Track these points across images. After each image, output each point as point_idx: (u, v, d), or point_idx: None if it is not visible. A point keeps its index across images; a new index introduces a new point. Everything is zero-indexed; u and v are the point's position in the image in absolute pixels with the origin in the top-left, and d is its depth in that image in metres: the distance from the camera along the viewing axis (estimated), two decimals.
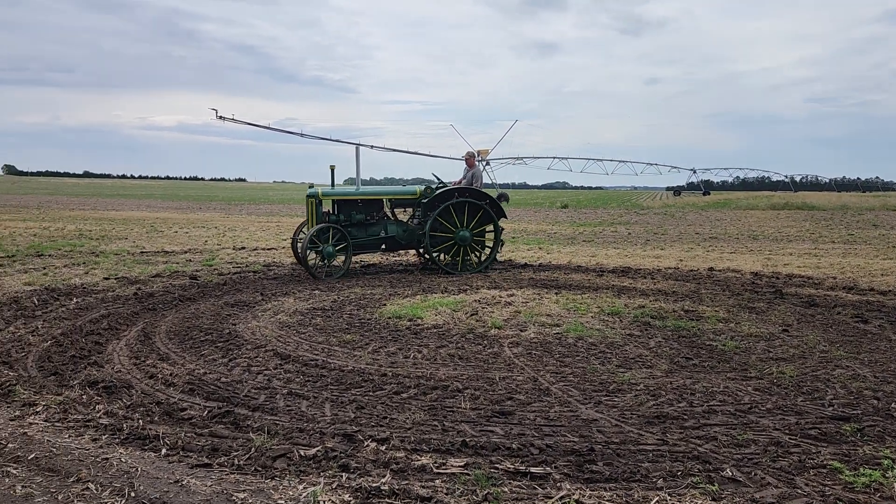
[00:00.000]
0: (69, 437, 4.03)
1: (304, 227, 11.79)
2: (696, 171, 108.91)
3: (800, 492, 3.35)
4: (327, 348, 6.18)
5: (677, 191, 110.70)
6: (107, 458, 3.70)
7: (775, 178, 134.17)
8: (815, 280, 10.86)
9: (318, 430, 4.15)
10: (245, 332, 6.81)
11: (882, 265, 12.91)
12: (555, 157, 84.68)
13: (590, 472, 3.58)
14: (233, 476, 3.51)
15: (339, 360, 5.76)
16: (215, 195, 70.15)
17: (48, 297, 8.55)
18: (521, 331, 6.89)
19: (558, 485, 3.43)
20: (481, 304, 8.24)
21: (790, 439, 4.06)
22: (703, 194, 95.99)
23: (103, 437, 4.01)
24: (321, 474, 3.54)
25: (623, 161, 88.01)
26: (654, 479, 3.49)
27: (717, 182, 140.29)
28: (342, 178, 12.92)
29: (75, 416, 4.34)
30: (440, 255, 11.88)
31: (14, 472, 3.53)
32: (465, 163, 12.82)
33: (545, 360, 5.81)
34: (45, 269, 11.27)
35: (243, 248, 15.78)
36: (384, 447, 3.88)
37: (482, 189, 12.28)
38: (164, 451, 3.83)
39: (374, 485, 3.37)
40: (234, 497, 3.26)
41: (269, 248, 15.73)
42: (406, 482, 3.43)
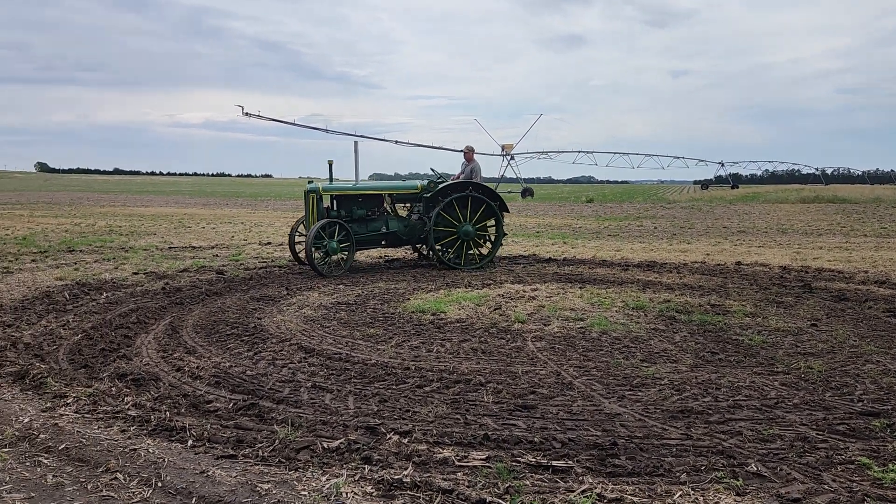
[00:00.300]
0: (98, 428, 4.11)
1: (302, 224, 11.58)
2: (723, 165, 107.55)
3: (826, 488, 3.31)
4: (351, 342, 6.22)
5: (705, 184, 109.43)
6: (135, 449, 3.77)
7: (805, 171, 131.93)
8: (845, 274, 10.67)
9: (342, 422, 4.18)
10: (270, 325, 6.88)
11: None
12: (580, 151, 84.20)
13: (612, 465, 3.57)
14: (257, 467, 3.56)
15: (363, 354, 5.80)
16: (242, 191, 70.85)
17: (79, 291, 8.72)
18: (545, 325, 6.87)
19: (580, 478, 3.42)
20: (505, 298, 8.23)
21: (817, 435, 4.00)
22: (732, 188, 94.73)
23: (131, 429, 4.09)
24: (344, 466, 3.57)
25: (649, 155, 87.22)
26: (678, 474, 3.47)
27: (746, 175, 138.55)
28: (366, 174, 12.86)
29: (104, 408, 4.42)
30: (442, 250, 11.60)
31: (45, 461, 3.61)
32: (463, 157, 12.52)
33: (568, 355, 5.79)
34: (76, 264, 11.48)
35: (269, 243, 15.93)
36: (406, 440, 3.90)
37: (482, 183, 12.03)
38: (190, 442, 3.89)
39: (396, 477, 3.39)
40: (258, 488, 3.30)
41: None
42: (428, 475, 3.45)
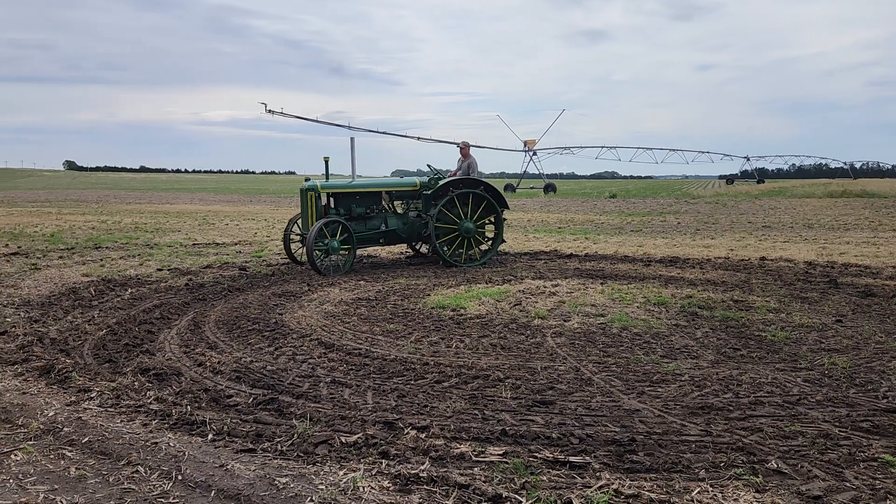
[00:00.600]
0: (121, 421, 4.17)
1: (296, 223, 11.33)
2: (749, 159, 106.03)
3: (848, 485, 3.26)
4: (371, 337, 6.25)
5: (730, 179, 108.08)
6: (156, 443, 3.82)
7: (833, 165, 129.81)
8: (872, 269, 10.48)
9: (360, 417, 4.20)
10: (291, 321, 6.93)
11: None
12: (603, 147, 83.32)
13: (630, 461, 3.55)
14: (276, 461, 3.59)
15: (382, 350, 5.82)
16: (265, 188, 71.39)
17: (104, 287, 8.85)
18: (565, 321, 6.84)
19: (598, 474, 3.41)
20: (525, 294, 8.21)
21: (840, 432, 3.94)
22: (757, 182, 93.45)
23: (153, 422, 4.15)
24: (361, 461, 3.59)
25: (673, 149, 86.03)
26: (697, 470, 3.44)
27: (772, 170, 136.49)
28: (389, 170, 12.77)
29: (127, 402, 4.49)
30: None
31: (69, 454, 3.68)
32: (459, 153, 12.31)
33: (588, 350, 5.77)
34: (102, 260, 11.66)
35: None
36: (424, 435, 3.91)
37: (482, 180, 11.86)
38: (210, 436, 3.93)
39: (413, 472, 3.41)
40: (276, 481, 3.33)
41: None
42: (445, 469, 3.45)
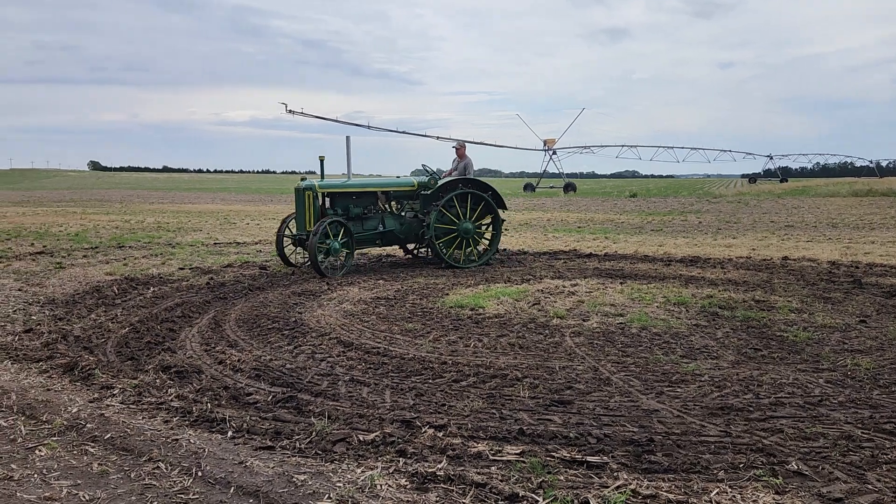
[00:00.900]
0: (143, 418, 4.23)
1: (288, 223, 11.09)
2: (772, 158, 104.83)
3: (870, 487, 3.22)
4: (389, 336, 6.27)
5: (752, 178, 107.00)
6: (176, 439, 3.87)
7: (859, 164, 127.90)
8: None
9: (378, 416, 4.22)
10: (310, 320, 6.98)
11: None
12: (623, 146, 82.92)
13: (648, 462, 3.53)
14: (294, 459, 3.62)
15: (401, 348, 5.84)
16: (286, 188, 71.77)
17: (127, 286, 8.96)
18: (584, 320, 6.82)
19: (615, 474, 3.39)
20: (544, 293, 8.20)
21: (862, 433, 3.89)
22: (781, 181, 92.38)
23: (174, 419, 4.19)
24: (379, 459, 3.60)
25: (694, 148, 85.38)
26: (715, 471, 3.41)
27: (796, 168, 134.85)
28: (409, 169, 12.68)
29: (149, 399, 4.55)
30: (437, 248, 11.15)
31: (91, 450, 3.73)
32: (455, 153, 12.19)
33: (607, 350, 5.74)
34: (125, 259, 11.81)
35: None
36: (441, 434, 3.92)
37: (480, 179, 11.79)
38: (230, 433, 3.97)
39: (430, 470, 3.42)
40: (294, 479, 3.36)
41: None
42: (462, 468, 3.46)
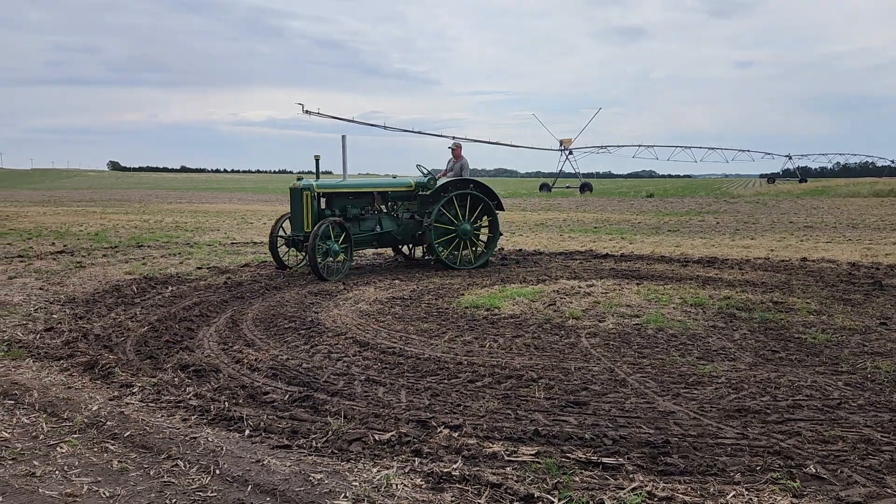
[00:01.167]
0: (161, 416, 4.28)
1: (282, 224, 10.89)
2: (791, 158, 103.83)
3: (889, 491, 3.19)
4: (405, 336, 6.29)
5: (771, 178, 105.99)
6: (195, 438, 3.91)
7: (880, 164, 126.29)
8: None
9: (394, 415, 4.24)
10: (326, 320, 7.02)
11: None
12: (640, 146, 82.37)
13: (664, 464, 3.52)
14: (310, 458, 3.64)
15: (416, 349, 5.85)
16: None
17: (146, 285, 9.06)
18: (600, 321, 6.80)
19: (631, 476, 3.39)
20: (560, 294, 8.18)
21: (882, 437, 3.85)
22: (800, 181, 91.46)
23: (192, 418, 4.24)
24: (394, 458, 3.62)
25: (712, 148, 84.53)
26: (732, 474, 3.39)
27: (815, 168, 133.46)
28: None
29: (167, 398, 4.60)
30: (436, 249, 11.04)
31: (111, 447, 3.78)
32: (451, 153, 12.06)
33: (623, 351, 5.73)
34: (144, 259, 11.93)
35: None
36: (457, 434, 3.93)
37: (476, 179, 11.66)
38: (247, 431, 4.01)
39: (445, 470, 3.43)
40: (310, 477, 3.38)
41: None
42: (477, 468, 3.47)
